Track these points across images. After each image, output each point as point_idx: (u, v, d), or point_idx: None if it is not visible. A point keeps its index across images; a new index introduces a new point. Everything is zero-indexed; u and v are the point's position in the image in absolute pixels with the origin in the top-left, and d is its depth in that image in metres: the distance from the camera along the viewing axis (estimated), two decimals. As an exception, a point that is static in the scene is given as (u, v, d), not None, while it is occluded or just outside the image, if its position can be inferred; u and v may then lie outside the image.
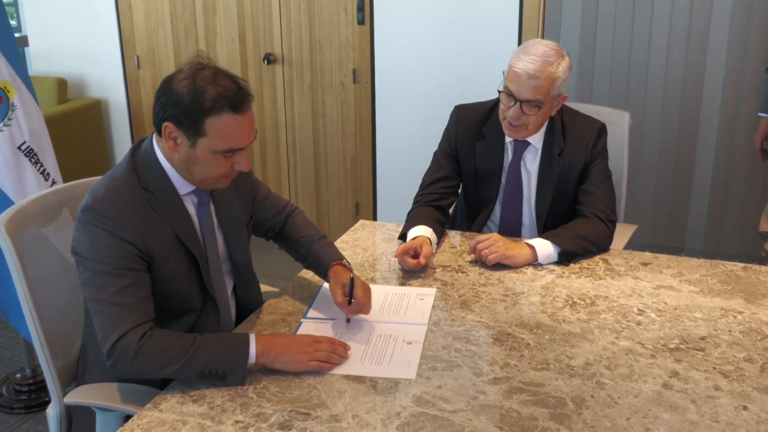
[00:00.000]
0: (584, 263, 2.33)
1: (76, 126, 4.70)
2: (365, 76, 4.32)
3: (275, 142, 4.65)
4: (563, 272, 2.27)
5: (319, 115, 4.49)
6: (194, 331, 1.77)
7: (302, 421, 1.56)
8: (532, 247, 2.31)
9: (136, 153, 1.86)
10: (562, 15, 4.21)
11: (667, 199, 4.31)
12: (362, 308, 1.95)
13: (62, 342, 2.01)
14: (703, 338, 1.88)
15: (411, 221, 2.46)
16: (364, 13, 4.19)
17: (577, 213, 2.49)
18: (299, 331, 1.94)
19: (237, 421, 1.57)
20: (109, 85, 4.90)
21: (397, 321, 1.98)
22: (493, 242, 2.29)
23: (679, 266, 2.30)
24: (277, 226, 2.20)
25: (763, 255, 3.29)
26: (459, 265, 2.32)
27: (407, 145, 4.31)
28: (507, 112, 2.40)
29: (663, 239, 4.34)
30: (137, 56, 4.78)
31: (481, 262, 2.31)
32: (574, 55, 4.12)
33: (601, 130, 2.53)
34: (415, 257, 2.26)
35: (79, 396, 1.88)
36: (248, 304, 2.08)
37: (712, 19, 3.99)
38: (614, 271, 2.28)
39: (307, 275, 2.22)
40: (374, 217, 4.56)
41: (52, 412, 1.97)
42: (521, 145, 2.53)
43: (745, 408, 1.60)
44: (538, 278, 2.24)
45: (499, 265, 2.29)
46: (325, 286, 2.16)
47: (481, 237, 2.32)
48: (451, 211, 2.72)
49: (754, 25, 3.93)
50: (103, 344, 1.69)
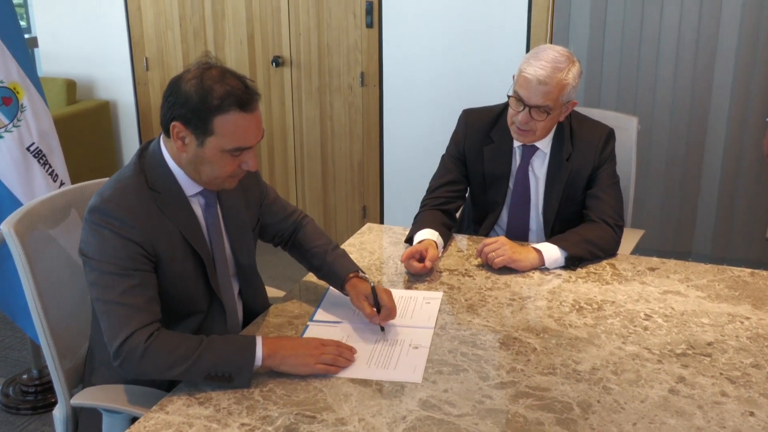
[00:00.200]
0: (591, 268, 2.32)
1: (85, 127, 4.71)
2: (373, 80, 4.32)
3: (283, 145, 4.65)
4: (570, 277, 2.27)
5: (327, 118, 4.50)
6: (200, 333, 1.77)
7: (308, 425, 1.56)
8: (539, 252, 2.31)
9: (144, 154, 1.86)
10: (571, 19, 4.21)
11: (674, 205, 4.30)
12: (391, 313, 1.96)
13: (69, 343, 2.02)
14: (710, 344, 1.88)
15: (417, 225, 2.46)
16: (373, 16, 4.20)
17: (585, 218, 2.48)
18: (306, 335, 1.94)
19: (243, 424, 1.57)
20: (118, 87, 4.91)
21: (404, 324, 1.98)
22: (500, 245, 2.29)
23: (686, 271, 2.30)
24: (285, 233, 2.19)
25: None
26: (466, 269, 2.32)
27: (415, 149, 4.31)
28: (516, 117, 2.40)
29: (670, 244, 4.33)
30: (146, 58, 4.79)
31: (487, 266, 2.31)
32: (583, 60, 4.11)
33: (610, 135, 2.53)
34: (421, 261, 2.26)
35: (85, 397, 1.88)
36: (254, 306, 2.08)
37: (720, 25, 3.98)
38: (621, 276, 2.27)
39: (314, 278, 2.22)
40: (381, 221, 4.56)
41: (59, 413, 1.98)
42: (529, 150, 2.52)
43: (752, 414, 1.60)
44: (545, 283, 2.23)
45: (506, 269, 2.29)
46: (332, 289, 2.16)
47: (489, 240, 2.32)
48: (458, 215, 2.72)
49: (763, 31, 3.92)
50: (110, 344, 1.69)
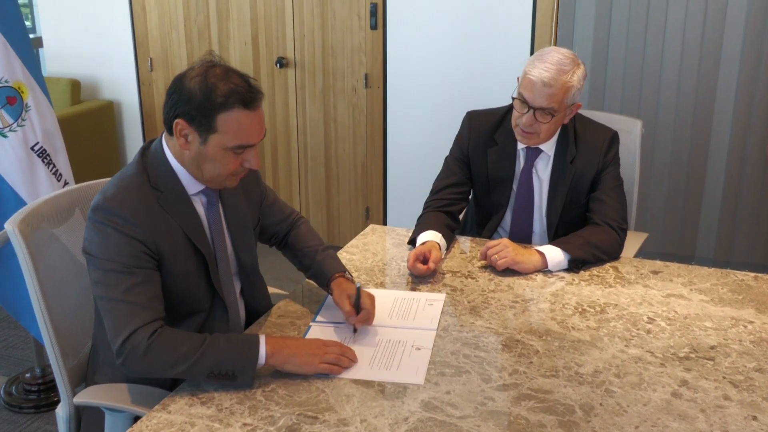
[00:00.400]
0: (594, 271, 2.32)
1: (89, 127, 4.72)
2: (377, 81, 4.32)
3: (287, 146, 4.66)
4: (573, 279, 2.27)
5: (331, 119, 4.50)
6: (203, 332, 1.77)
7: (310, 425, 1.56)
8: (542, 254, 2.30)
9: (146, 153, 1.87)
10: (575, 22, 4.20)
11: (678, 208, 4.29)
12: (370, 317, 1.95)
13: (73, 342, 2.02)
14: (713, 347, 1.88)
15: (420, 226, 2.47)
16: (377, 18, 4.20)
17: (588, 220, 2.48)
18: (308, 335, 1.94)
19: (245, 424, 1.57)
20: (122, 87, 4.92)
21: (406, 326, 1.98)
22: (503, 247, 2.29)
23: (689, 275, 2.29)
24: (281, 233, 2.20)
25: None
26: (469, 271, 2.32)
27: (418, 150, 4.31)
28: (520, 119, 2.40)
29: (673, 248, 4.33)
30: (150, 58, 4.80)
31: (491, 268, 2.31)
32: (587, 63, 4.11)
33: (614, 137, 2.53)
34: (424, 262, 2.26)
35: (88, 396, 1.88)
36: (256, 306, 2.08)
37: (725, 29, 3.97)
38: (624, 279, 2.27)
39: (317, 279, 2.22)
40: (384, 222, 4.56)
41: (62, 412, 1.98)
42: (533, 152, 2.52)
43: (755, 418, 1.59)
44: (548, 285, 2.23)
45: (509, 272, 2.29)
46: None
47: (492, 242, 2.32)
48: (461, 217, 2.72)
49: (767, 35, 3.92)
50: (113, 342, 1.69)
